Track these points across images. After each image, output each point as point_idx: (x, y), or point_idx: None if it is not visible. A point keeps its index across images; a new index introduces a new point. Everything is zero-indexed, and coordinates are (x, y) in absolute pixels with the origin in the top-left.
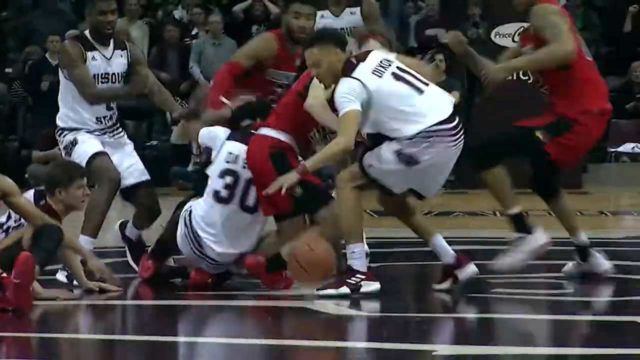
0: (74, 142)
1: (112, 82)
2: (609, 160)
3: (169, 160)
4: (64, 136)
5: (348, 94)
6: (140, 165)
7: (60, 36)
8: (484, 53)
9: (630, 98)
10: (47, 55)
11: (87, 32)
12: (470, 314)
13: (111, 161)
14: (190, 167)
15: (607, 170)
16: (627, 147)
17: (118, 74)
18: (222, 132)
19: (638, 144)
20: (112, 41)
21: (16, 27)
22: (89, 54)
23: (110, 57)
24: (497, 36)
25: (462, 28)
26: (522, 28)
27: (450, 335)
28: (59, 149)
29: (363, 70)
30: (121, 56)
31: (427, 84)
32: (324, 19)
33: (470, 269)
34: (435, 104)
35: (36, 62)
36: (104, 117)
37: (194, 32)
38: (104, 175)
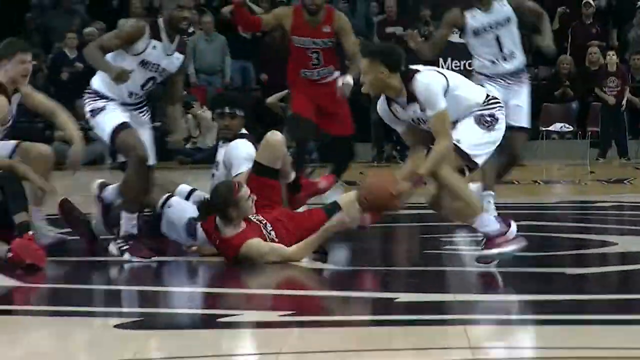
0: (102, 108)
1: (157, 73)
2: (541, 137)
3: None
4: (94, 100)
5: (440, 92)
6: (151, 148)
7: (77, 34)
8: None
9: (558, 86)
10: (65, 50)
11: (160, 21)
12: (428, 267)
13: (137, 136)
14: (188, 145)
15: (540, 146)
16: (556, 127)
17: (166, 71)
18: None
19: (565, 124)
20: (177, 40)
21: (38, 26)
22: (152, 42)
23: (171, 54)
24: None
25: (416, 26)
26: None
27: (410, 285)
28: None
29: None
30: (177, 59)
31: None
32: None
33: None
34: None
35: (56, 56)
36: (136, 94)
37: (190, 30)
38: (130, 152)
